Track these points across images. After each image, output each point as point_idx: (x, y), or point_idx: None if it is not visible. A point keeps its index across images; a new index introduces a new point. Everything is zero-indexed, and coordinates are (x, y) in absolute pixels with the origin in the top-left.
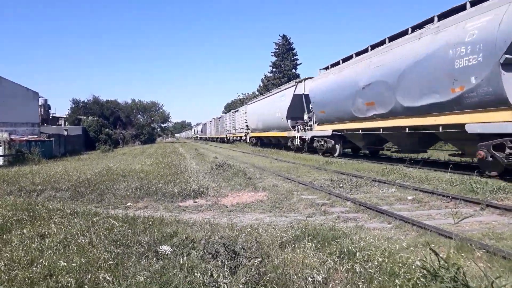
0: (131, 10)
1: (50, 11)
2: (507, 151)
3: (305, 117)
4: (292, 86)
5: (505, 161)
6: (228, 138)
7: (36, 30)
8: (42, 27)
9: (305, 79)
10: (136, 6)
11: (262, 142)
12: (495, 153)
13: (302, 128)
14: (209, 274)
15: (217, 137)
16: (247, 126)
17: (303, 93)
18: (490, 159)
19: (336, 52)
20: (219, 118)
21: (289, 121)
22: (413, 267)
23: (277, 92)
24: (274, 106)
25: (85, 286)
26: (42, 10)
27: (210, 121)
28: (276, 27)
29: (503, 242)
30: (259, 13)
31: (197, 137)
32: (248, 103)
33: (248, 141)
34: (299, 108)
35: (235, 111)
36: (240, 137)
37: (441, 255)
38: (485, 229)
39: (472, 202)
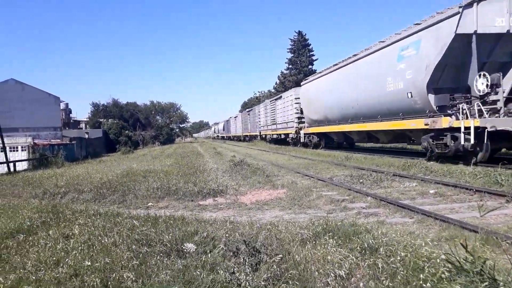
0: (148, 13)
1: (69, 17)
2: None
3: (477, 85)
4: (450, 16)
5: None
6: (264, 135)
7: (57, 36)
8: (62, 33)
9: None
10: (152, 9)
11: (329, 142)
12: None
13: (467, 110)
14: (231, 272)
15: (246, 136)
16: (299, 117)
17: (475, 31)
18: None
19: (352, 46)
20: (249, 111)
21: (432, 97)
22: (438, 261)
23: (395, 42)
24: (383, 72)
25: (110, 285)
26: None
27: (235, 117)
28: (291, 23)
29: None
30: (274, 10)
31: (217, 136)
32: (303, 83)
33: (303, 140)
34: (458, 67)
35: (275, 99)
36: (287, 134)
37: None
38: (511, 222)
39: (497, 194)
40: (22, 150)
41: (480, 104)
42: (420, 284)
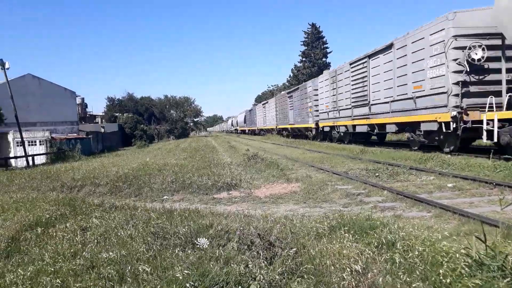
0: (163, 7)
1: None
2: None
3: None
4: None
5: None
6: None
7: (72, 32)
8: (78, 29)
9: None
10: (166, 3)
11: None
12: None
13: None
14: (245, 265)
15: (280, 129)
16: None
17: None
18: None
19: (368, 40)
20: (285, 95)
21: None
22: (457, 256)
23: None
24: None
25: (126, 277)
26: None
27: (263, 105)
28: (305, 15)
29: None
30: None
31: (236, 130)
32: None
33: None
34: None
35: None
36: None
37: (484, 240)
38: None
39: None
40: (40, 144)
41: None
42: (440, 279)
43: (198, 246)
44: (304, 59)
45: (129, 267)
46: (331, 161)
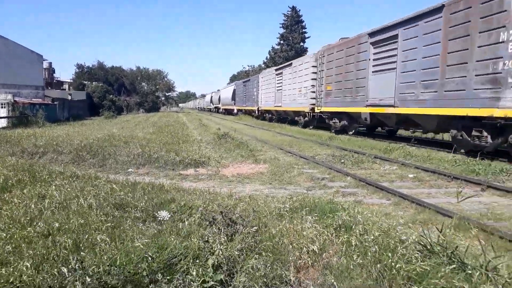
0: None
1: None
2: None
3: None
4: None
5: None
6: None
7: None
8: None
9: None
10: None
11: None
12: None
13: None
14: (205, 240)
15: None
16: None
17: None
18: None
19: (345, 28)
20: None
21: None
22: (409, 242)
23: None
24: None
25: (82, 247)
26: None
27: (279, 70)
28: None
29: (501, 223)
30: None
31: (217, 108)
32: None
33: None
34: None
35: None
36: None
37: (440, 230)
38: (484, 210)
39: (473, 182)
40: (2, 107)
41: None
42: (390, 263)
43: (159, 219)
44: (282, 41)
45: (86, 237)
46: (300, 146)
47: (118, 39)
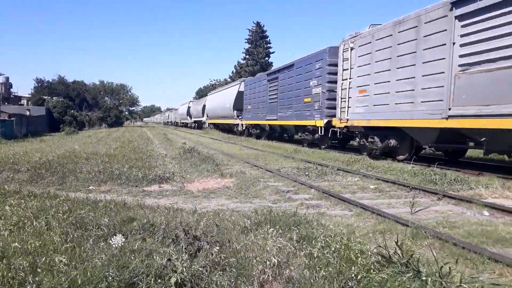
0: None
1: None
2: None
3: None
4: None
5: None
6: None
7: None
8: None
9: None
10: None
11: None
12: None
13: None
14: (167, 258)
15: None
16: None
17: None
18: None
19: (308, 43)
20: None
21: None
22: (369, 253)
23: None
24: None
25: (39, 269)
26: None
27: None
28: (251, 13)
29: (455, 230)
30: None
31: (196, 123)
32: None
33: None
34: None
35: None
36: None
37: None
38: (439, 218)
39: (430, 192)
40: None
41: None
42: (351, 274)
43: (114, 244)
44: (247, 56)
45: (44, 259)
46: (266, 159)
47: (80, 53)
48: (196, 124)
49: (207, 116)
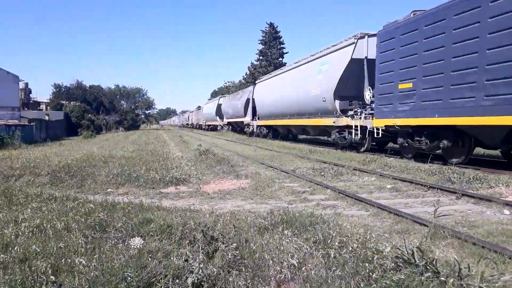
0: None
1: None
2: None
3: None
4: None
5: None
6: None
7: (18, 13)
8: (24, 10)
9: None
10: None
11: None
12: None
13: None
14: (185, 259)
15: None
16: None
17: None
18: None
19: (322, 43)
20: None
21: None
22: (386, 252)
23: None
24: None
25: (60, 271)
26: None
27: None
28: (264, 14)
29: (474, 229)
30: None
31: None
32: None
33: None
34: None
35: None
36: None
37: (415, 241)
38: (458, 217)
39: (449, 191)
40: None
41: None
42: (368, 273)
43: (132, 246)
44: (261, 57)
45: (64, 260)
46: (281, 160)
47: (96, 57)
48: (231, 127)
49: (255, 116)
